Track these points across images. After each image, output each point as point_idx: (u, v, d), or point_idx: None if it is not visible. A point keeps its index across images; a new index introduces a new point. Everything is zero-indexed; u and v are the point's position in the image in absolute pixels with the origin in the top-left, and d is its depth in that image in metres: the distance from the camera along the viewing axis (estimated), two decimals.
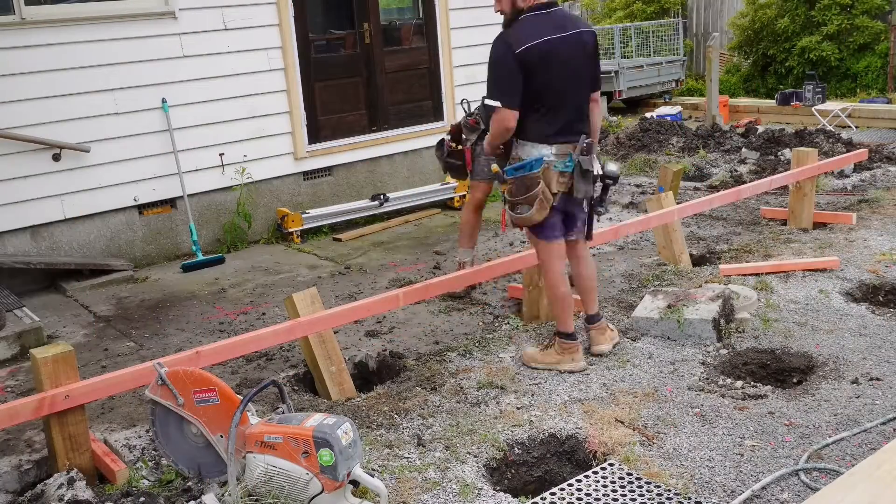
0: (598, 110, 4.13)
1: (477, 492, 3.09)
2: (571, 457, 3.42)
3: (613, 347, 4.32)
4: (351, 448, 2.82)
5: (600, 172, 4.08)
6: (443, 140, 5.52)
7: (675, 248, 5.67)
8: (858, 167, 8.51)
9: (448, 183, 8.18)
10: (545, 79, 3.82)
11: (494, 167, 4.16)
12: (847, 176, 8.33)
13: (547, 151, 3.88)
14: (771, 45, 15.77)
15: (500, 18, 4.07)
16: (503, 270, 4.91)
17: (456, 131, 5.41)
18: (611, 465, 3.21)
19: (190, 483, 3.18)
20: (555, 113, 3.89)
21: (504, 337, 4.62)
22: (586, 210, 4.14)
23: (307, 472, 2.80)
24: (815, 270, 5.31)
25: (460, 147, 5.39)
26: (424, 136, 8.35)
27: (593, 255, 6.20)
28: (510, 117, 3.86)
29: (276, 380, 3.16)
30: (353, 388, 4.08)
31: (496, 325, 4.93)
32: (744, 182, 7.93)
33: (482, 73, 8.59)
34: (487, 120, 4.73)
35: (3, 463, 3.53)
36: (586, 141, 3.91)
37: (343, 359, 4.10)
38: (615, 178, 4.13)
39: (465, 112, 5.30)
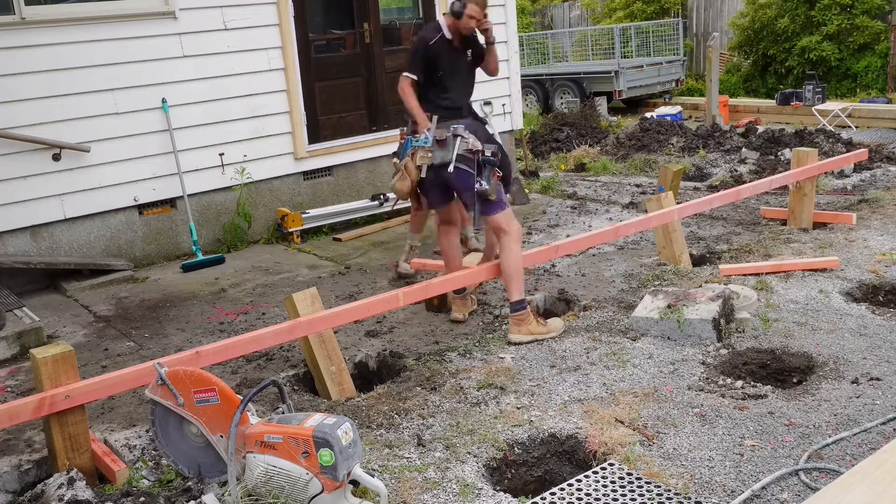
0: None
1: (477, 492, 3.09)
2: (571, 457, 3.42)
3: (531, 341, 4.51)
4: (351, 448, 2.82)
5: (475, 148, 4.58)
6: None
7: (675, 248, 5.67)
8: (858, 167, 8.52)
9: None
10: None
11: (394, 160, 5.15)
12: (847, 176, 8.33)
13: (420, 136, 4.77)
14: (771, 45, 15.79)
15: (499, 18, 4.18)
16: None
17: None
18: (611, 465, 3.21)
19: (190, 483, 3.18)
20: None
21: (504, 337, 4.62)
22: (464, 188, 4.61)
23: (307, 472, 2.80)
24: (815, 270, 5.32)
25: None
26: None
27: (593, 255, 6.22)
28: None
29: (276, 380, 3.16)
30: (353, 387, 4.08)
31: (496, 325, 4.93)
32: (744, 182, 7.93)
33: (482, 72, 8.65)
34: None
35: (3, 463, 3.53)
36: (452, 125, 4.66)
37: (343, 359, 4.10)
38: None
39: (482, 112, 5.76)
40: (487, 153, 4.58)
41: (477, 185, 4.52)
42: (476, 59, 5.30)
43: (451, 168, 4.56)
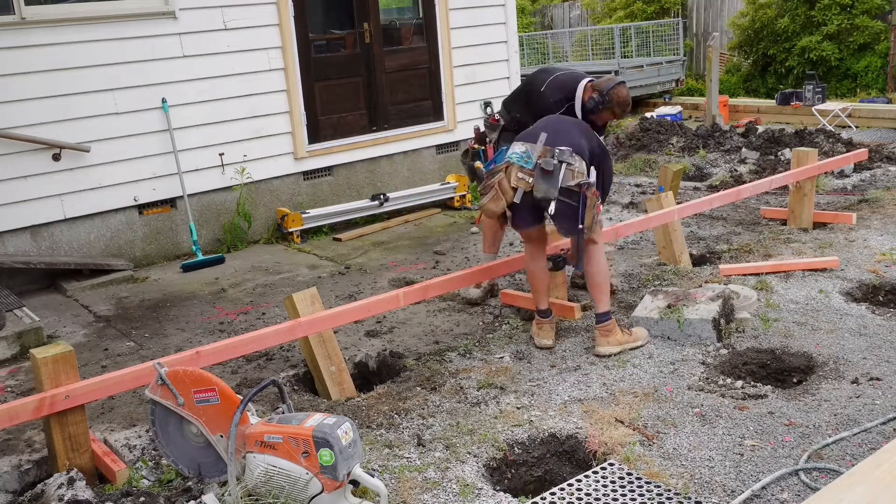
0: None
1: (477, 492, 3.09)
2: (571, 457, 3.42)
3: (619, 352, 4.29)
4: (351, 448, 2.82)
5: (585, 182, 4.07)
6: (468, 148, 5.40)
7: (675, 248, 5.67)
8: (858, 167, 8.51)
9: (448, 183, 8.18)
10: None
11: (478, 164, 4.59)
12: (847, 176, 8.33)
13: (518, 149, 4.20)
14: (771, 45, 15.78)
15: (499, 18, 4.09)
16: (504, 270, 4.91)
17: (478, 134, 5.31)
18: (611, 464, 3.21)
19: (190, 483, 3.18)
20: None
21: (504, 337, 4.62)
22: (565, 223, 4.14)
23: (307, 472, 2.80)
24: (815, 270, 5.31)
25: (483, 147, 5.24)
26: (424, 136, 8.36)
27: None
28: None
29: (276, 380, 3.16)
30: (353, 387, 4.08)
31: (496, 325, 4.93)
32: (744, 182, 7.93)
33: (482, 72, 8.72)
34: (510, 121, 5.01)
35: (3, 463, 3.53)
36: (558, 149, 4.08)
37: (343, 359, 4.10)
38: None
39: (485, 113, 5.26)
40: (592, 178, 4.14)
41: (581, 227, 4.11)
42: None
43: (552, 207, 4.08)
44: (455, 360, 4.34)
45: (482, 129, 5.26)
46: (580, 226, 4.10)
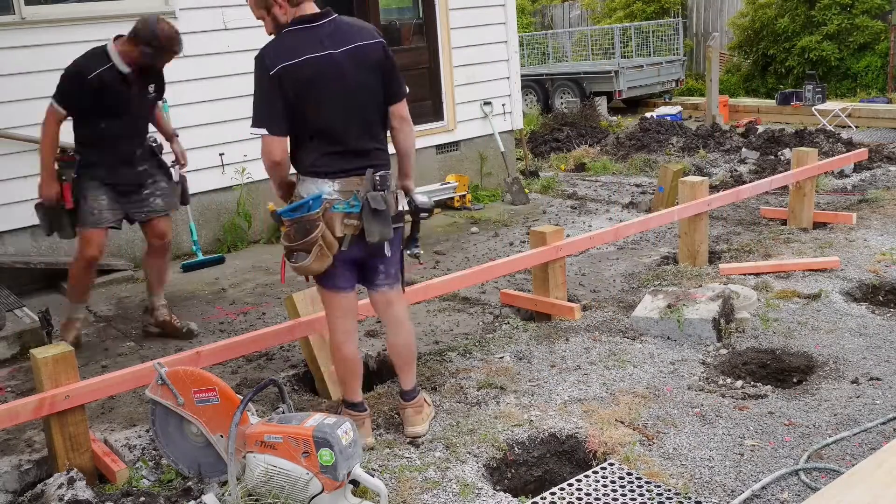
0: (408, 128, 3.42)
1: (477, 491, 3.09)
2: (571, 456, 3.42)
3: (429, 427, 3.57)
4: (351, 448, 2.82)
5: (405, 208, 3.45)
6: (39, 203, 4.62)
7: (696, 238, 5.61)
8: (858, 167, 8.52)
9: (448, 183, 8.18)
10: (313, 103, 3.21)
11: (270, 205, 3.29)
12: (847, 176, 8.34)
13: (328, 188, 3.20)
14: (771, 45, 15.79)
15: (499, 18, 3.98)
16: (504, 271, 4.91)
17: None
18: (611, 464, 3.21)
19: (190, 483, 3.18)
20: (331, 142, 3.24)
21: (504, 337, 4.62)
22: (391, 254, 3.42)
23: (307, 472, 2.80)
24: (815, 270, 5.32)
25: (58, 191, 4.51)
26: (424, 136, 8.34)
27: (593, 255, 6.21)
28: (275, 147, 3.22)
29: (276, 379, 3.16)
30: None
31: (496, 325, 4.93)
32: (744, 182, 7.93)
33: (482, 72, 8.73)
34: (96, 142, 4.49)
35: (3, 463, 3.53)
36: (378, 174, 3.24)
37: None
38: (429, 211, 3.60)
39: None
40: (417, 202, 3.57)
41: (415, 249, 3.63)
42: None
43: (387, 248, 3.38)
44: (455, 360, 4.34)
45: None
46: (414, 250, 3.62)
